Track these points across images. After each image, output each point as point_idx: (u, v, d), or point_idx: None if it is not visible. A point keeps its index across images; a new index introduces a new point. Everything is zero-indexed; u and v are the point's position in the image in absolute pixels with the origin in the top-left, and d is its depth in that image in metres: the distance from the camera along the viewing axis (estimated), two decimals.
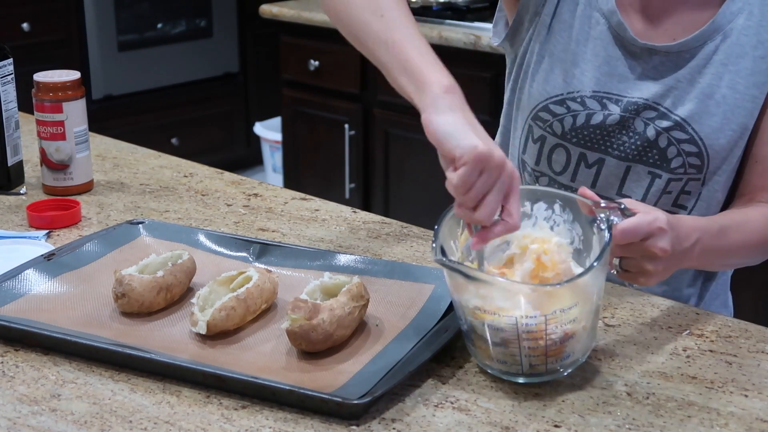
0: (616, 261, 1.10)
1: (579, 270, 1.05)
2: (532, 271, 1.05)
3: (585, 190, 1.09)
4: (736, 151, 1.31)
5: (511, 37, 1.41)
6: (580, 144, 1.34)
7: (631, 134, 1.32)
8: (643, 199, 1.32)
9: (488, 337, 1.01)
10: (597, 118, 1.32)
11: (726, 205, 1.35)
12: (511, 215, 1.02)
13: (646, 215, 1.07)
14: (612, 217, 1.04)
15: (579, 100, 1.32)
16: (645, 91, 1.31)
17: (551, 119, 1.34)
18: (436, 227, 1.04)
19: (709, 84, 1.29)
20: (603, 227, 1.03)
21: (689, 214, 1.33)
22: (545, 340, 0.99)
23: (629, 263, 1.10)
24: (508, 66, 1.44)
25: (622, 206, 1.06)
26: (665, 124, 1.30)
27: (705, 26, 1.28)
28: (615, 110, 1.31)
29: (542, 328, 0.98)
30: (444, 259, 1.00)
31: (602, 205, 1.06)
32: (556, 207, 1.10)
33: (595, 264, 0.98)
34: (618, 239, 1.04)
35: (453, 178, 1.00)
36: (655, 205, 1.32)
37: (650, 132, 1.31)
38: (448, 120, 1.01)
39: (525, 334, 0.99)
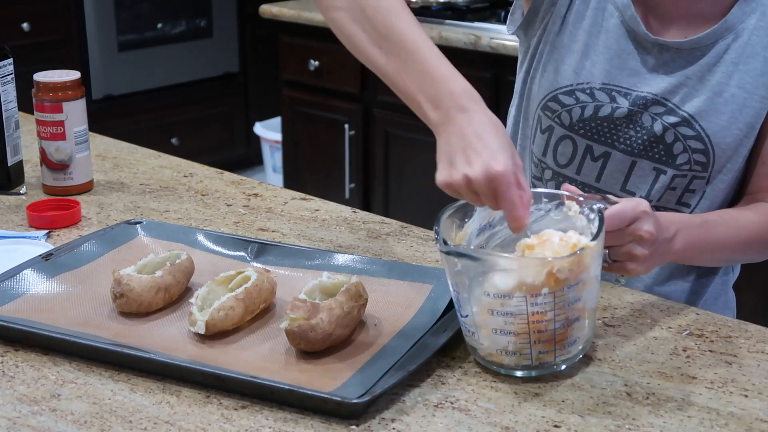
0: (605, 251, 1.11)
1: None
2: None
3: (568, 186, 1.13)
4: (742, 150, 1.31)
5: (526, 26, 1.41)
6: (587, 136, 1.34)
7: (638, 128, 1.32)
8: (647, 196, 1.33)
9: (496, 327, 1.01)
10: (605, 111, 1.32)
11: (731, 207, 1.35)
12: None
13: (629, 201, 1.11)
14: (599, 205, 1.08)
15: (588, 91, 1.33)
16: (654, 86, 1.31)
17: (560, 110, 1.35)
18: (435, 227, 1.05)
19: (718, 82, 1.29)
20: (592, 216, 1.07)
21: (692, 212, 1.33)
22: (554, 323, 1.00)
23: (617, 252, 1.12)
24: (521, 56, 1.44)
25: (606, 196, 1.10)
26: (672, 119, 1.30)
27: (717, 24, 1.29)
28: (623, 104, 1.32)
29: (551, 308, 0.99)
30: (450, 246, 1.01)
31: (587, 196, 1.10)
32: (543, 204, 1.12)
33: (599, 235, 1.01)
34: (606, 225, 1.06)
35: None
36: (658, 201, 1.33)
37: (657, 127, 1.31)
38: (438, 153, 1.07)
39: (534, 315, 0.99)
